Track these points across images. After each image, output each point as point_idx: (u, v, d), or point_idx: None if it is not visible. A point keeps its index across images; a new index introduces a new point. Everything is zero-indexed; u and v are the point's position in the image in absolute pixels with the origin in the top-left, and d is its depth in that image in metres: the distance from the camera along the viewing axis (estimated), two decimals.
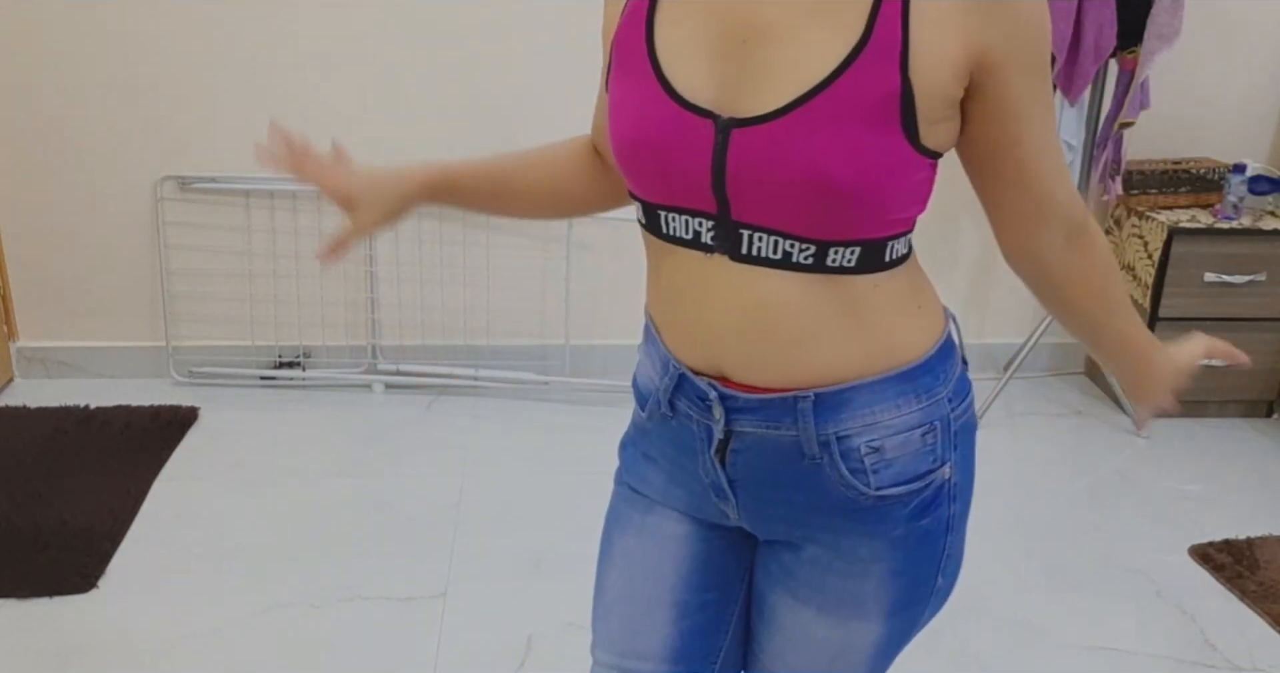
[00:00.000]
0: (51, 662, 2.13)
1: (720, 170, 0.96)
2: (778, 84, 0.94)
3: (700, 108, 0.97)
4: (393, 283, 3.34)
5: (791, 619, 1.14)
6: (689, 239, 1.02)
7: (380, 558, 2.49)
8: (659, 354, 1.12)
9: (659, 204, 1.03)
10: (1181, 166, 3.24)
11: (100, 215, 3.23)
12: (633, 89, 1.01)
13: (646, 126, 0.99)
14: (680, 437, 1.13)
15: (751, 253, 0.99)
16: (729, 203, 0.98)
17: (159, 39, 3.06)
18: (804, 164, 0.93)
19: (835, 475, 1.05)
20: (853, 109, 0.92)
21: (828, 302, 1.00)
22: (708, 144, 0.96)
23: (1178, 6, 2.79)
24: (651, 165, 1.00)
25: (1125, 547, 2.62)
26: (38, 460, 2.81)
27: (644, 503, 1.20)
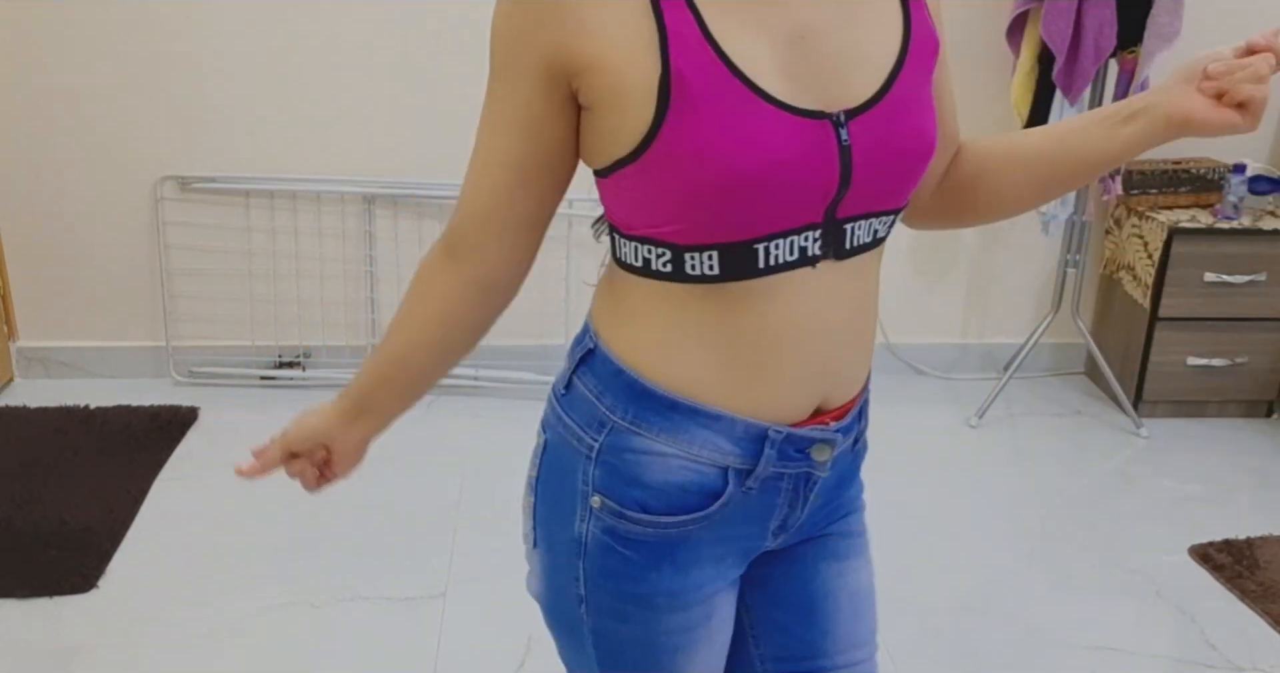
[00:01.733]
0: (51, 662, 2.13)
1: (846, 169, 0.91)
2: (858, 69, 0.92)
3: (812, 111, 0.90)
4: (393, 283, 3.34)
5: (844, 584, 1.14)
6: (795, 260, 0.93)
7: (380, 558, 2.49)
8: (734, 432, 0.97)
9: (760, 237, 0.91)
10: (1181, 167, 3.24)
11: (100, 215, 3.23)
12: (731, 117, 0.87)
13: (774, 148, 0.88)
14: (760, 504, 1.02)
15: (854, 245, 0.97)
16: (841, 201, 0.93)
17: (159, 39, 3.06)
18: (913, 134, 0.94)
19: (859, 445, 1.11)
20: (922, 75, 0.96)
21: (877, 274, 1.04)
22: (833, 144, 0.90)
23: (1178, 6, 2.79)
24: (771, 193, 0.89)
25: (1125, 547, 2.62)
26: (38, 460, 2.81)
27: (702, 614, 1.06)
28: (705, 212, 0.90)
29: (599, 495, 1.01)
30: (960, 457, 3.03)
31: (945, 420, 3.24)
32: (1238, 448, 3.13)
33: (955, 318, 3.53)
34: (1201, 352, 3.19)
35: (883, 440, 3.17)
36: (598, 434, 1.00)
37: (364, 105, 3.16)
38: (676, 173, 0.88)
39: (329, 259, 3.30)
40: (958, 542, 2.62)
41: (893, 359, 3.55)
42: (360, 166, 3.21)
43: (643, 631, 1.04)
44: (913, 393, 3.43)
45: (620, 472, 0.99)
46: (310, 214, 3.25)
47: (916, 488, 2.85)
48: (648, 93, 0.87)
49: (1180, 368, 3.21)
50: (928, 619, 2.34)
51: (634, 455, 0.98)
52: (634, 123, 0.89)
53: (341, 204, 3.25)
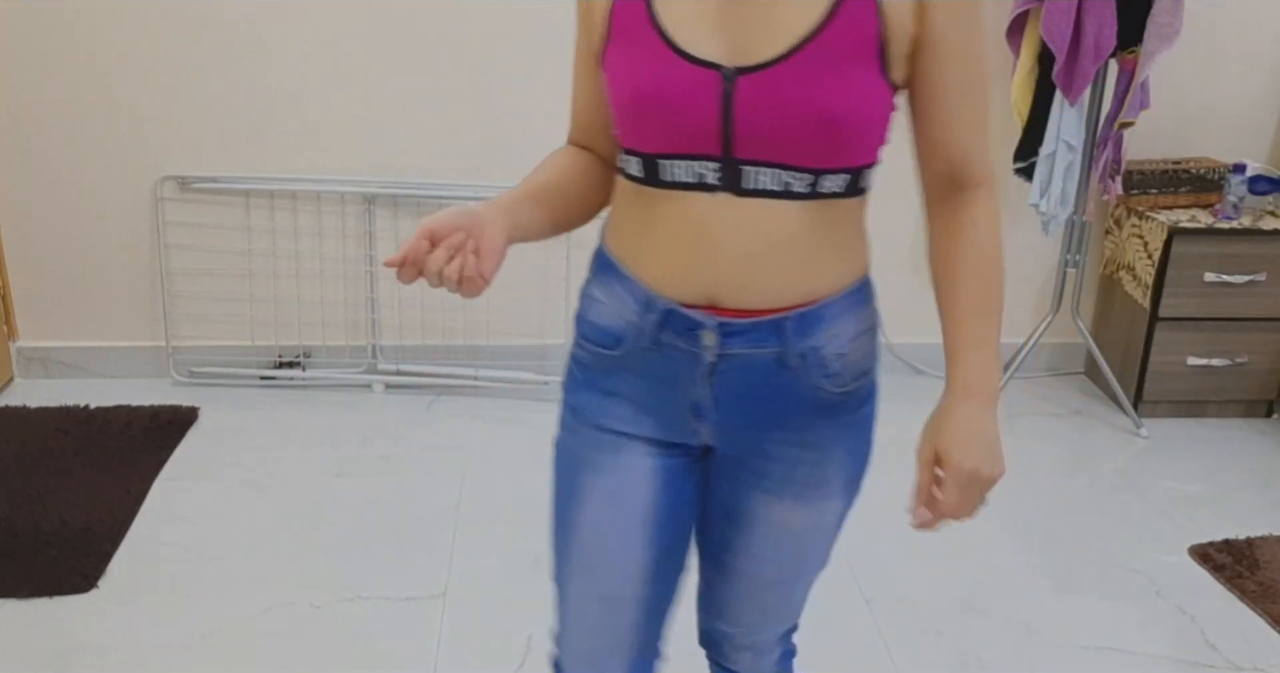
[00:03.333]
0: (51, 662, 2.13)
1: (728, 115, 1.09)
2: (775, 33, 1.07)
3: (706, 61, 1.09)
4: (393, 283, 3.34)
5: (769, 515, 1.28)
6: (692, 182, 1.13)
7: (380, 558, 2.49)
8: (635, 293, 1.20)
9: (660, 153, 1.13)
10: (1181, 166, 3.24)
11: (100, 215, 3.23)
12: (639, 54, 1.12)
13: (658, 83, 1.10)
14: (660, 367, 1.22)
15: (754, 187, 1.12)
16: (734, 144, 1.10)
17: (160, 39, 3.06)
18: (806, 102, 1.07)
19: (811, 381, 1.20)
20: (843, 50, 1.07)
21: (817, 226, 1.14)
22: (714, 93, 1.09)
23: (1178, 6, 2.79)
24: (660, 119, 1.11)
25: (1125, 547, 2.62)
26: (38, 460, 2.81)
27: (612, 443, 1.27)
28: (622, 123, 1.15)
29: (574, 327, 1.30)
30: None
31: None
32: (1238, 448, 3.13)
33: None
34: (1201, 352, 3.20)
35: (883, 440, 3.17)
36: (584, 283, 1.29)
37: (364, 105, 3.16)
38: (608, 88, 1.16)
39: (329, 259, 3.30)
40: (958, 542, 2.63)
41: (893, 359, 3.55)
42: (360, 167, 3.21)
43: (569, 438, 1.30)
44: (913, 393, 3.43)
45: (581, 310, 1.28)
46: (310, 214, 3.25)
47: None
48: (603, 20, 1.17)
49: (1180, 368, 3.21)
50: (928, 619, 2.34)
51: (588, 299, 1.27)
52: (597, 44, 1.20)
53: (341, 204, 3.25)
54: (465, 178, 3.23)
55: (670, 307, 1.18)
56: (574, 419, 1.29)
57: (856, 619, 2.33)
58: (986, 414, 1.15)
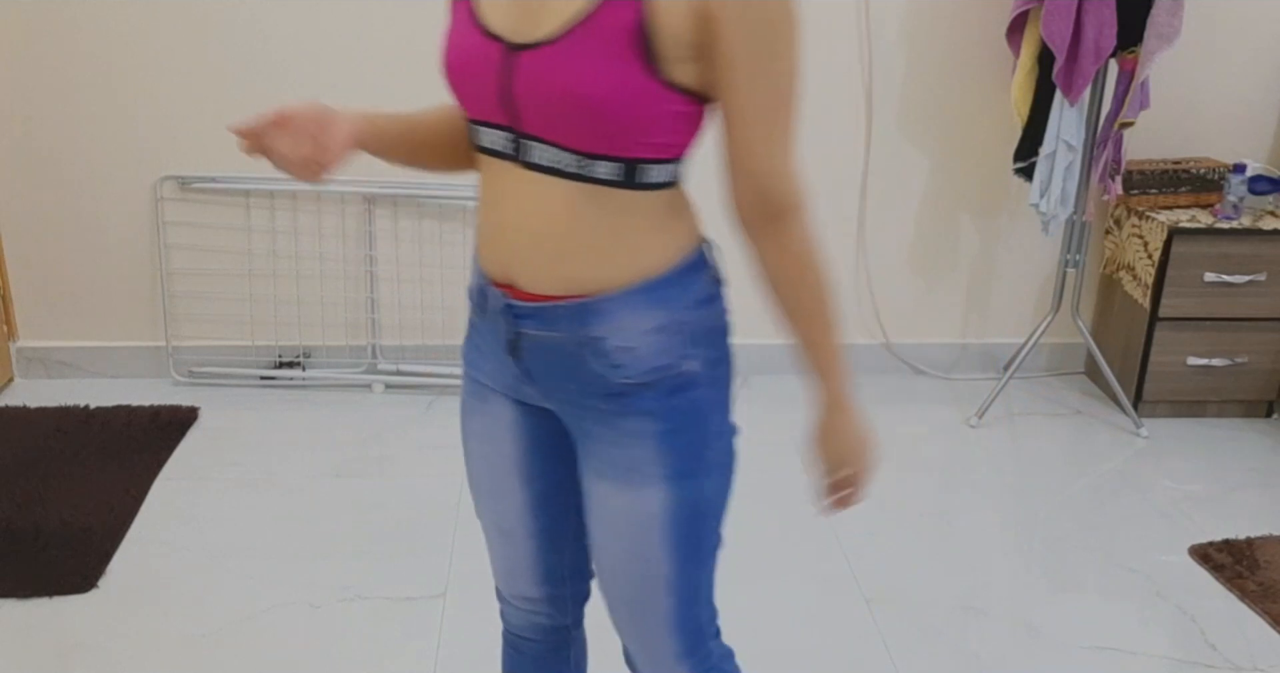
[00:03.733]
0: (51, 662, 2.13)
1: (507, 88, 1.14)
2: (551, 15, 1.11)
3: (493, 34, 1.15)
4: (393, 283, 3.34)
5: (597, 496, 1.30)
6: (498, 150, 1.20)
7: (380, 558, 2.49)
8: (475, 259, 1.30)
9: (475, 119, 1.21)
10: (1181, 166, 3.24)
11: (100, 215, 3.23)
12: (456, 21, 1.20)
13: (459, 50, 1.18)
14: (490, 333, 1.31)
15: (535, 161, 1.17)
16: (519, 117, 1.15)
17: (160, 39, 3.06)
18: (564, 84, 1.10)
19: (597, 368, 1.23)
20: (602, 39, 1.08)
21: (591, 212, 1.17)
22: (495, 65, 1.15)
23: (1178, 6, 2.79)
24: (464, 86, 1.19)
25: (1125, 547, 2.62)
26: (38, 460, 2.81)
27: (481, 391, 1.37)
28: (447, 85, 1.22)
29: None
30: (960, 457, 3.03)
31: (945, 420, 3.25)
32: (1238, 448, 3.13)
33: (955, 318, 3.53)
34: (1201, 352, 3.20)
35: (883, 440, 3.17)
36: None
37: (364, 105, 3.16)
38: None
39: (329, 259, 3.30)
40: (958, 542, 2.63)
41: (893, 359, 3.55)
42: (360, 167, 3.21)
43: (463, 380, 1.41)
44: (913, 393, 3.43)
45: None
46: (310, 214, 3.25)
47: (916, 488, 2.85)
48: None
49: (1180, 368, 3.21)
50: (928, 619, 2.34)
51: None
52: None
53: (341, 204, 3.25)
54: (465, 177, 3.23)
55: (483, 281, 1.28)
56: (464, 368, 1.41)
57: (856, 619, 2.33)
58: (855, 416, 1.28)
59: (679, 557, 1.31)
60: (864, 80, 3.24)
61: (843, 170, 3.33)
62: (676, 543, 1.30)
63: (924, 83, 3.25)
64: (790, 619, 2.32)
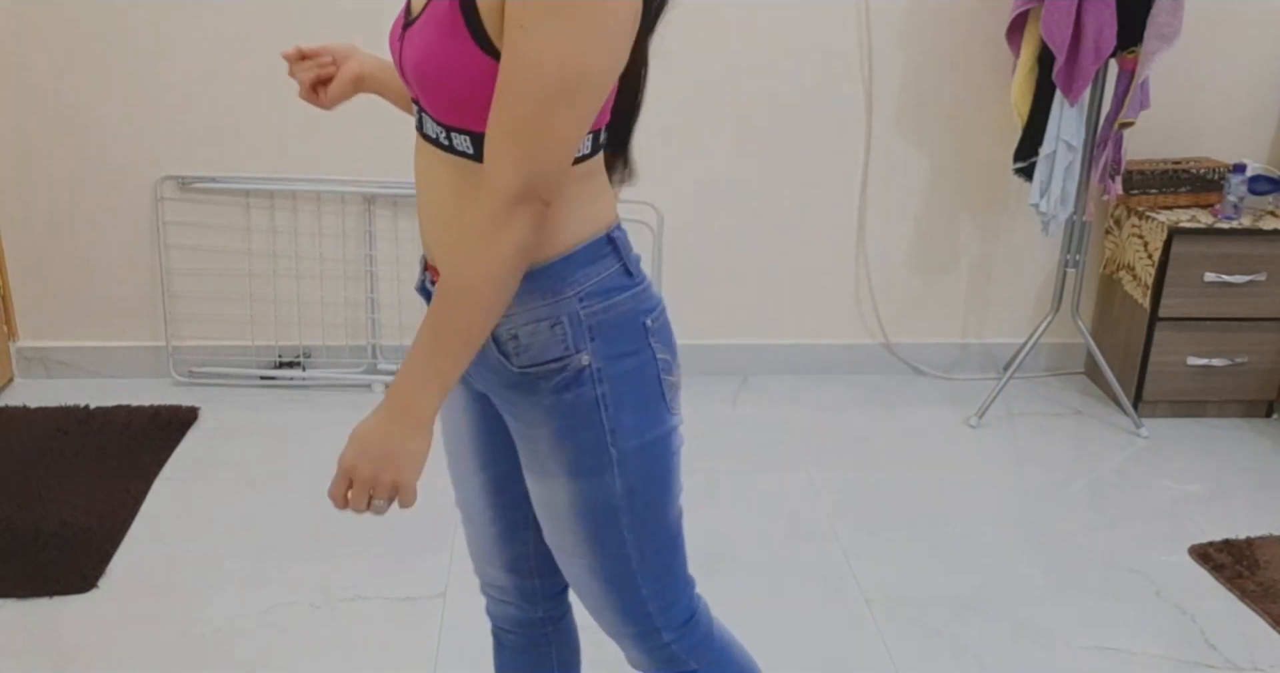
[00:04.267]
0: (51, 662, 2.13)
1: (401, 66, 1.20)
2: None
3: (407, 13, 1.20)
4: (393, 283, 3.34)
5: (527, 482, 1.33)
6: (418, 126, 1.23)
7: (380, 558, 2.49)
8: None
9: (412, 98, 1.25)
10: (1181, 166, 3.24)
11: (100, 215, 3.23)
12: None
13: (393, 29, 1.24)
14: None
15: (426, 132, 1.21)
16: (411, 87, 1.19)
17: (160, 39, 3.06)
18: (416, 59, 1.14)
19: (492, 355, 1.23)
20: (437, 17, 1.12)
21: (465, 190, 1.17)
22: (397, 38, 1.21)
23: (1178, 6, 2.79)
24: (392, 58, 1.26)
25: (1125, 547, 2.62)
26: (38, 460, 2.81)
27: None
28: None
29: None
30: (960, 457, 3.03)
31: (945, 420, 3.25)
32: (1238, 448, 3.13)
33: (955, 318, 3.53)
34: (1201, 352, 3.20)
35: (883, 440, 3.18)
36: None
37: (364, 105, 3.15)
38: None
39: (329, 259, 3.30)
40: (958, 542, 2.63)
41: (893, 359, 3.55)
42: (360, 167, 3.21)
43: None
44: (913, 393, 3.43)
45: None
46: (310, 214, 3.25)
47: (916, 488, 2.85)
48: None
49: (1180, 368, 3.21)
50: (928, 619, 2.34)
51: None
52: None
53: (341, 204, 3.25)
54: None
55: (422, 260, 1.32)
56: None
57: (856, 619, 2.33)
58: (385, 421, 1.14)
59: (600, 550, 1.30)
60: (864, 80, 3.24)
61: (843, 170, 3.33)
62: (594, 535, 1.29)
63: (924, 83, 3.25)
64: (790, 619, 2.32)
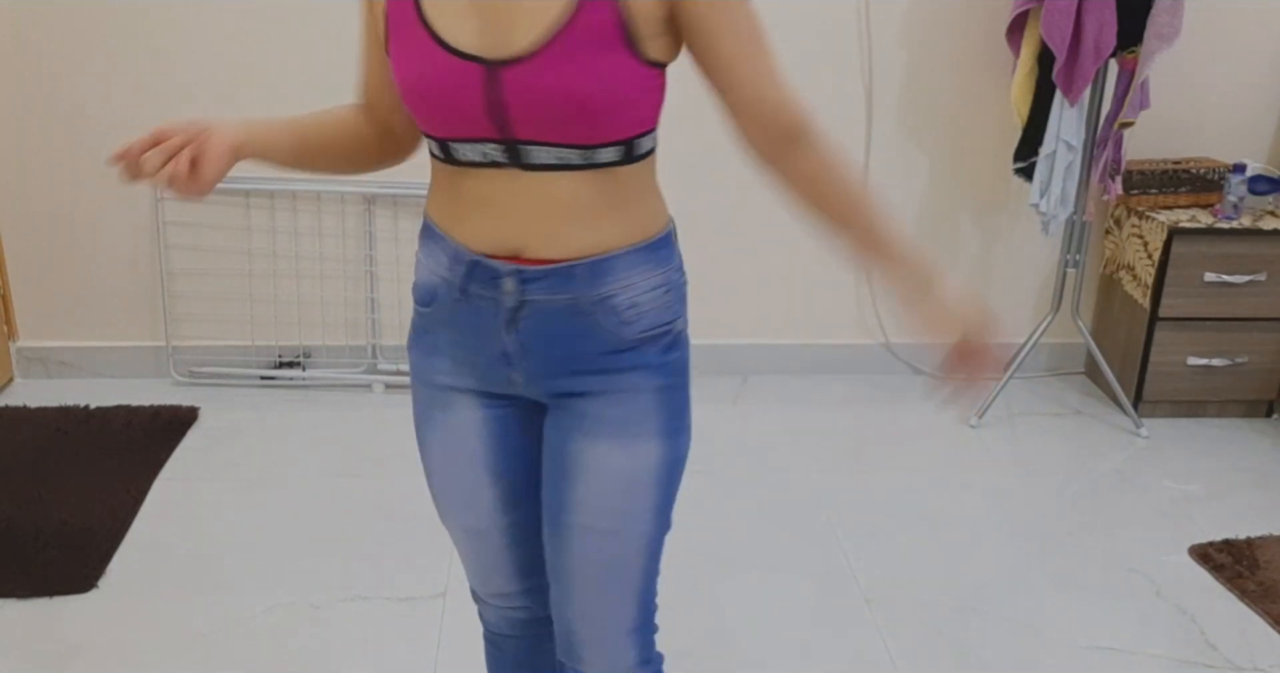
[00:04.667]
0: (51, 662, 2.13)
1: (498, 103, 1.19)
2: (528, 26, 1.16)
3: (467, 54, 1.18)
4: (393, 283, 3.34)
5: (590, 458, 1.34)
6: (481, 161, 1.24)
7: (380, 558, 2.49)
8: (447, 249, 1.32)
9: (448, 138, 1.24)
10: (1181, 166, 3.24)
11: (100, 215, 3.23)
12: (412, 48, 1.21)
13: (427, 75, 1.20)
14: (470, 317, 1.33)
15: (535, 162, 1.23)
16: (510, 127, 1.20)
17: (160, 39, 3.06)
18: (564, 90, 1.17)
19: (606, 325, 1.30)
20: (589, 40, 1.16)
21: (596, 190, 1.25)
22: (478, 84, 1.18)
23: (1178, 6, 2.79)
24: (436, 108, 1.22)
25: (1125, 547, 2.62)
26: (38, 460, 2.81)
27: (441, 397, 1.40)
28: (408, 109, 1.26)
29: None
30: (960, 457, 3.03)
31: (945, 420, 3.25)
32: (1238, 448, 3.13)
33: None
34: (1201, 352, 3.20)
35: (883, 440, 3.18)
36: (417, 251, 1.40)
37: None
38: (394, 77, 1.25)
39: (329, 259, 3.30)
40: (958, 542, 2.63)
41: (893, 359, 3.55)
42: None
43: (414, 394, 1.45)
44: (913, 393, 3.43)
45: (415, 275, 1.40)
46: (310, 214, 3.25)
47: (916, 488, 2.85)
48: (383, 22, 1.27)
49: (1180, 368, 3.21)
50: (928, 619, 2.34)
51: (417, 264, 1.39)
52: (382, 38, 1.29)
53: (341, 204, 3.25)
54: None
55: (475, 257, 1.29)
56: (414, 377, 1.43)
57: (856, 619, 2.33)
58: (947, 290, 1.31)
59: (658, 515, 1.38)
60: (864, 80, 3.24)
61: None
62: (658, 501, 1.37)
63: (924, 83, 3.25)
64: (790, 619, 2.32)
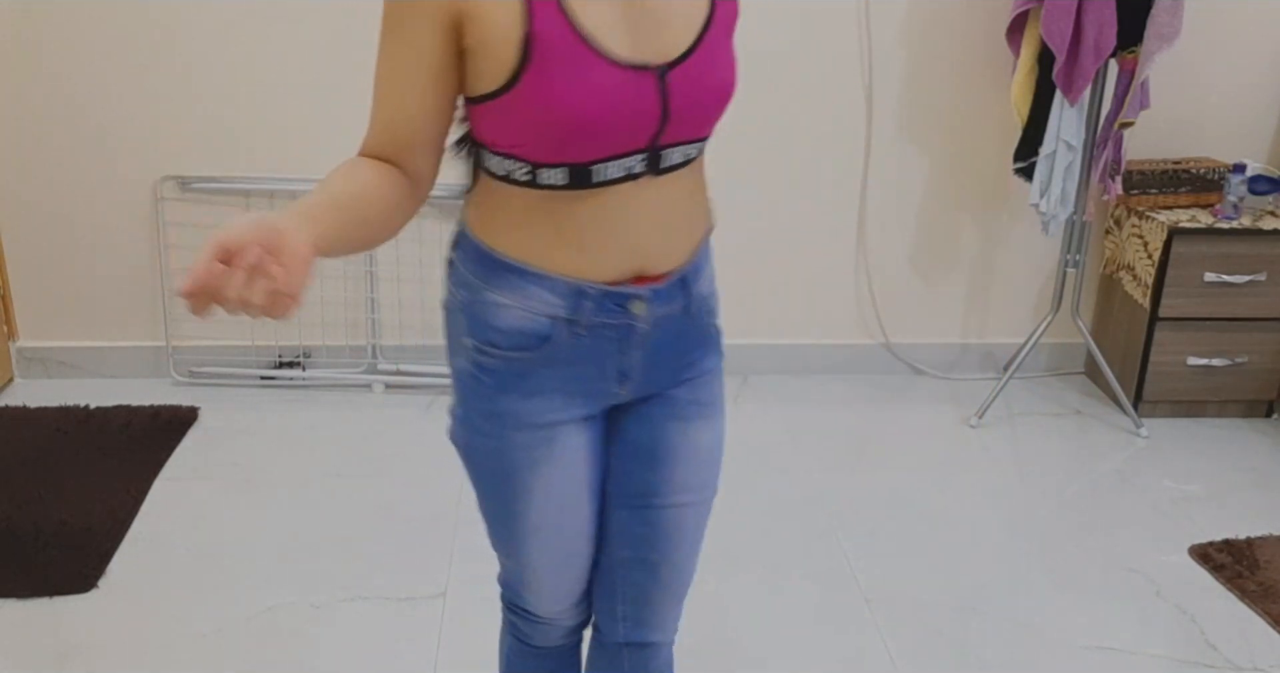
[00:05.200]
0: (51, 662, 2.13)
1: (667, 109, 1.18)
2: (680, 26, 1.18)
3: (640, 65, 1.16)
4: (393, 283, 3.34)
5: (683, 440, 1.40)
6: (621, 177, 1.21)
7: (380, 558, 2.49)
8: (558, 289, 1.25)
9: (597, 159, 1.18)
10: (1181, 166, 3.24)
11: (100, 215, 3.23)
12: (575, 69, 1.12)
13: (598, 94, 1.13)
14: (590, 348, 1.29)
15: (670, 164, 1.24)
16: (665, 131, 1.20)
17: (159, 39, 3.06)
18: (718, 81, 1.22)
19: (703, 321, 1.37)
20: (722, 31, 1.23)
21: (695, 181, 1.30)
22: (654, 92, 1.17)
23: (1178, 6, 2.79)
24: (604, 128, 1.15)
25: (1125, 547, 2.62)
26: (38, 460, 2.81)
27: (545, 435, 1.34)
28: (552, 143, 1.16)
29: (468, 337, 1.31)
30: (960, 457, 3.03)
31: (945, 420, 3.25)
32: (1238, 448, 3.13)
33: (955, 318, 3.53)
34: (1201, 352, 3.20)
35: (883, 440, 3.18)
36: (466, 292, 1.30)
37: (364, 105, 3.15)
38: (530, 113, 1.14)
39: (328, 259, 3.29)
40: (958, 542, 2.63)
41: (893, 359, 3.55)
42: None
43: (493, 444, 1.34)
44: (913, 393, 3.43)
45: (479, 318, 1.29)
46: None
47: (916, 488, 2.85)
48: (511, 46, 1.11)
49: (1180, 368, 3.21)
50: (928, 619, 2.34)
51: (487, 307, 1.28)
52: (498, 69, 1.13)
53: None
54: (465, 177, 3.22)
55: (601, 289, 1.26)
56: (495, 425, 1.32)
57: (856, 619, 2.33)
58: None
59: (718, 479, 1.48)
60: (864, 80, 3.24)
61: (843, 170, 3.33)
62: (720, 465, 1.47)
63: (924, 83, 3.25)
64: (790, 619, 2.32)
